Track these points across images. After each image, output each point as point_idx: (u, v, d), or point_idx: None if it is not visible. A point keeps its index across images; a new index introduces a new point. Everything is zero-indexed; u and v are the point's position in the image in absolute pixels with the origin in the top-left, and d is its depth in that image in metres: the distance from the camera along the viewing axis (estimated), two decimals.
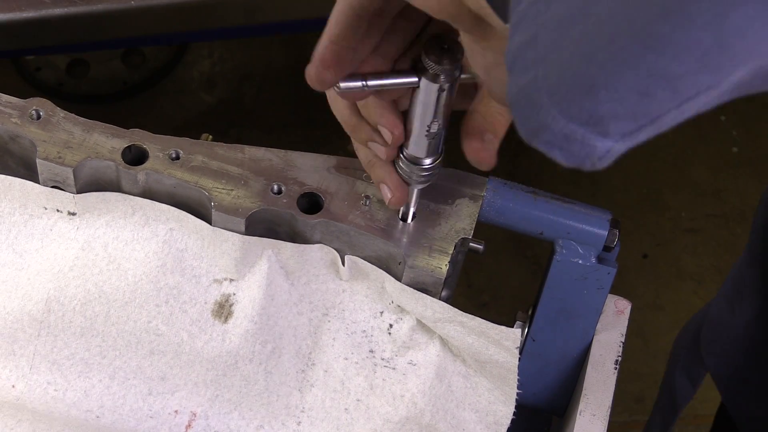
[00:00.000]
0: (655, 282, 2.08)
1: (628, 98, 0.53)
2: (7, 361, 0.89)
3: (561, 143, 0.57)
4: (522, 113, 0.58)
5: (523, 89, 0.57)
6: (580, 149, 0.57)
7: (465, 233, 0.88)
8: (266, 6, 1.50)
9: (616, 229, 0.90)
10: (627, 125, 0.55)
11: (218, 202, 0.88)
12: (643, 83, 0.52)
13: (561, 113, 0.55)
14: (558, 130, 0.56)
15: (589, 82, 0.53)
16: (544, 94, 0.56)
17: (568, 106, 0.55)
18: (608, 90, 0.53)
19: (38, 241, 0.91)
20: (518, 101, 0.58)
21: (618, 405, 0.96)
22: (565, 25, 0.53)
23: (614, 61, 0.51)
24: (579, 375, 0.97)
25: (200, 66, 2.27)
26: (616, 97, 0.53)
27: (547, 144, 0.58)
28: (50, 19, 1.42)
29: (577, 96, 0.54)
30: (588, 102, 0.54)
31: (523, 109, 0.58)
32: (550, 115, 0.56)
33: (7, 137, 0.92)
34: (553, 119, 0.56)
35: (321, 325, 0.90)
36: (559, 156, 0.59)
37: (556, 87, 0.55)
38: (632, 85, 0.52)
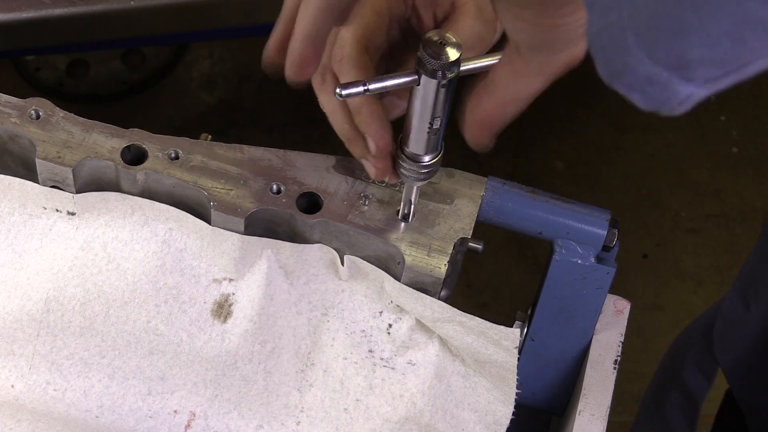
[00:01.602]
0: (654, 282, 2.08)
1: (720, 43, 0.51)
2: (6, 361, 0.89)
3: (643, 86, 0.56)
4: (604, 54, 0.56)
5: (606, 29, 0.55)
6: (661, 93, 0.56)
7: (464, 233, 0.88)
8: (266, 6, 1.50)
9: (615, 229, 0.90)
10: (714, 71, 0.54)
11: (217, 201, 0.88)
12: (737, 29, 0.50)
13: (648, 55, 0.54)
14: (642, 73, 0.55)
15: (682, 25, 0.51)
16: (631, 34, 0.54)
17: (656, 48, 0.53)
18: (701, 33, 0.51)
19: (37, 241, 0.91)
20: (599, 41, 0.56)
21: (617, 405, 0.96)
22: None
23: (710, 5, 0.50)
24: (578, 375, 0.97)
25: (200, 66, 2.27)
26: (708, 41, 0.51)
27: (629, 86, 0.57)
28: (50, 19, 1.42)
29: (667, 38, 0.53)
30: (678, 44, 0.52)
31: (605, 49, 0.56)
32: (635, 56, 0.54)
33: (7, 137, 0.92)
34: (637, 60, 0.54)
35: (320, 325, 0.90)
36: (639, 99, 0.57)
37: (645, 28, 0.53)
38: (726, 29, 0.51)
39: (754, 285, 1.10)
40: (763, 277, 1.08)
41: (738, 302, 1.12)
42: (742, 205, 2.17)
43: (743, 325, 1.12)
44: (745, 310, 1.11)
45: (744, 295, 1.11)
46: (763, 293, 1.08)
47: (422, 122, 0.78)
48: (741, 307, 1.12)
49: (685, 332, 1.28)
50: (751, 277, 1.10)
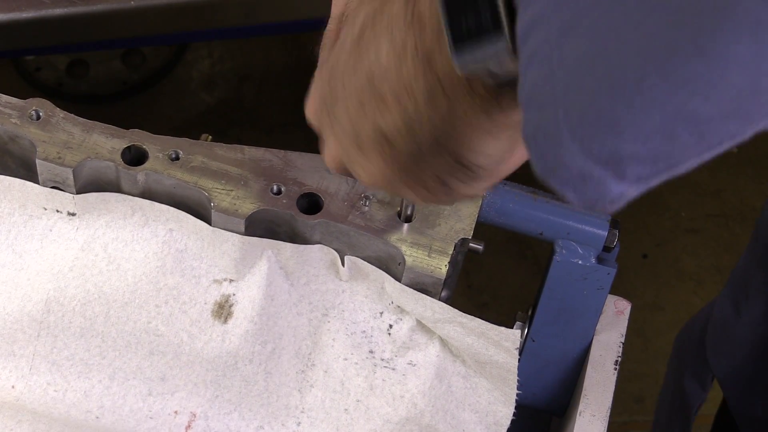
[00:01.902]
0: (655, 282, 2.08)
1: (652, 139, 0.52)
2: (6, 362, 0.89)
3: (576, 183, 0.56)
4: (539, 150, 0.57)
5: (542, 125, 0.56)
6: (594, 190, 0.56)
7: (465, 233, 0.88)
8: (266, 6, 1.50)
9: (615, 230, 0.90)
10: (645, 169, 0.54)
11: (218, 202, 0.88)
12: (669, 124, 0.50)
13: (581, 150, 0.54)
14: (576, 169, 0.55)
15: (615, 120, 0.52)
16: (565, 130, 0.54)
17: (589, 142, 0.54)
18: (633, 129, 0.51)
19: (38, 242, 0.91)
20: (535, 137, 0.57)
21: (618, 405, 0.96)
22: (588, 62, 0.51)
23: (642, 99, 0.50)
24: (579, 375, 0.97)
25: (200, 66, 2.27)
26: (641, 137, 0.52)
27: (562, 182, 0.57)
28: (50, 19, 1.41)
29: (600, 133, 0.53)
30: (612, 140, 0.53)
31: (541, 145, 0.57)
32: (570, 152, 0.55)
33: (7, 137, 0.92)
34: (571, 156, 0.55)
35: (321, 326, 0.90)
36: (572, 196, 0.58)
37: (579, 123, 0.53)
38: (658, 125, 0.51)
39: (744, 289, 1.09)
40: (753, 281, 1.08)
41: (728, 307, 1.12)
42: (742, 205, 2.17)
43: (733, 330, 1.11)
44: (735, 315, 1.11)
45: (734, 300, 1.11)
46: (753, 298, 1.08)
47: None
48: (731, 312, 1.11)
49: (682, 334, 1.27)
50: (742, 281, 1.10)
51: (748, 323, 1.08)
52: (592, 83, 0.51)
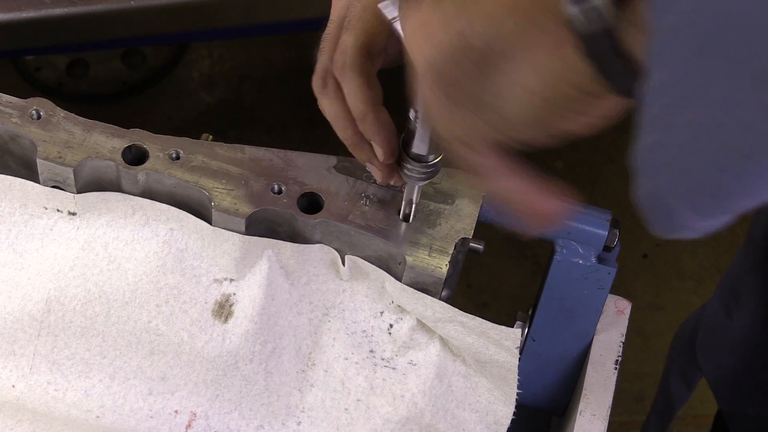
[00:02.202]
0: (655, 282, 2.08)
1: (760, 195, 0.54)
2: (7, 361, 0.89)
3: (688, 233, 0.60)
4: (655, 215, 0.60)
5: (654, 194, 0.58)
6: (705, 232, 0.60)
7: (465, 233, 0.88)
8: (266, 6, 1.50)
9: (616, 229, 0.90)
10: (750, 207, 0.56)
11: (218, 202, 0.88)
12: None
13: (696, 215, 0.57)
14: (695, 226, 0.58)
15: (725, 190, 0.54)
16: (677, 199, 0.57)
17: (703, 209, 0.56)
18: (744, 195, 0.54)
19: (38, 241, 0.91)
20: (650, 204, 0.59)
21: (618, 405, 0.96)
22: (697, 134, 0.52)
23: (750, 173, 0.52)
24: (579, 375, 0.97)
25: (200, 66, 2.27)
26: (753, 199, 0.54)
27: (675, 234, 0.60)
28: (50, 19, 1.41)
29: (712, 201, 0.55)
30: (724, 204, 0.55)
31: (656, 211, 0.59)
32: (686, 216, 0.57)
33: (8, 137, 0.92)
34: (689, 220, 0.58)
35: (321, 325, 0.90)
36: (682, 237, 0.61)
37: (689, 194, 0.56)
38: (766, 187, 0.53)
39: (736, 293, 1.09)
40: (745, 285, 1.08)
41: (720, 309, 1.12)
42: None
43: (724, 333, 1.11)
44: (726, 318, 1.11)
45: (726, 303, 1.11)
46: (745, 301, 1.08)
47: (425, 123, 0.78)
48: (722, 315, 1.11)
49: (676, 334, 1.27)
50: (734, 284, 1.10)
51: (739, 326, 1.08)
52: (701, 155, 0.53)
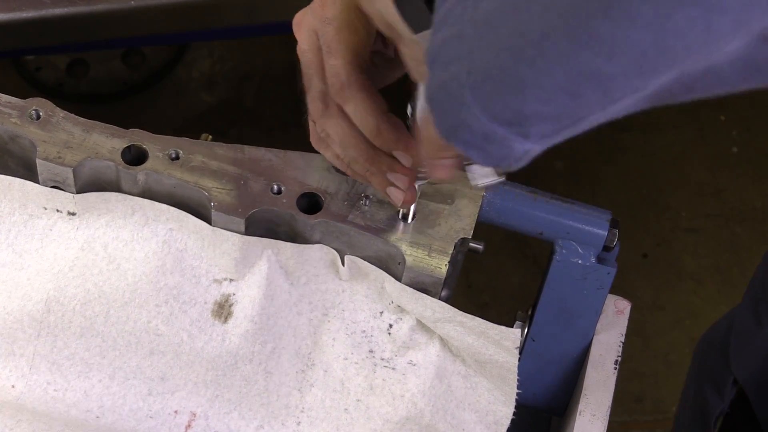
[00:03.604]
0: (655, 282, 2.08)
1: (555, 98, 0.52)
2: (6, 362, 0.89)
3: (480, 143, 0.56)
4: (441, 109, 0.57)
5: (444, 85, 0.55)
6: (498, 150, 0.56)
7: (465, 233, 0.88)
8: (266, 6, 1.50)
9: (615, 229, 0.90)
10: (549, 126, 0.54)
11: (218, 202, 0.88)
12: (573, 83, 0.50)
13: (483, 111, 0.54)
14: (478, 129, 0.55)
15: (517, 80, 0.51)
16: (467, 90, 0.54)
17: (492, 103, 0.53)
18: (536, 88, 0.51)
19: (38, 241, 0.91)
20: (438, 97, 0.56)
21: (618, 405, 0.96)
22: (495, 21, 0.51)
23: (546, 59, 0.50)
24: (579, 375, 0.97)
25: (200, 66, 2.26)
26: (544, 96, 0.51)
27: (465, 143, 0.57)
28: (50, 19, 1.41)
29: (502, 93, 0.53)
30: (514, 100, 0.52)
31: (443, 104, 0.56)
32: (472, 112, 0.54)
33: (7, 137, 0.92)
34: (473, 117, 0.54)
35: (321, 325, 0.90)
36: (476, 156, 0.57)
37: (480, 83, 0.53)
38: (562, 84, 0.50)
39: (764, 300, 1.09)
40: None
41: (749, 318, 1.12)
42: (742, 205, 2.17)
43: (756, 341, 1.11)
44: (756, 324, 1.10)
45: (755, 311, 1.11)
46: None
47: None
48: (753, 323, 1.11)
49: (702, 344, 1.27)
50: (761, 292, 1.10)
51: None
52: (497, 42, 0.51)
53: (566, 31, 0.48)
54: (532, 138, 0.55)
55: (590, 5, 0.47)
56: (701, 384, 1.24)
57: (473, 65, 0.53)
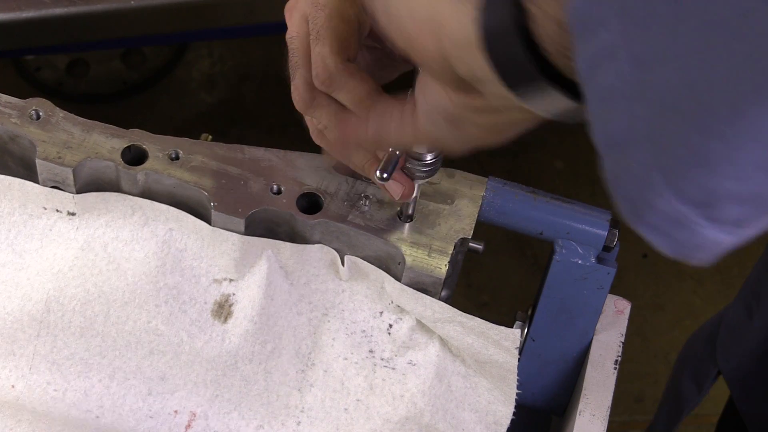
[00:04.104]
0: (655, 282, 2.08)
1: (751, 176, 0.47)
2: (6, 361, 0.89)
3: (668, 227, 0.52)
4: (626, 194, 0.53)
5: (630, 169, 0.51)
6: (687, 237, 0.52)
7: (465, 233, 0.88)
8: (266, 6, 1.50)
9: (615, 229, 0.90)
10: (743, 210, 0.49)
11: (218, 202, 0.88)
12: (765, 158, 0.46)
13: (674, 191, 0.50)
14: (668, 212, 0.51)
15: (709, 156, 0.47)
16: (655, 172, 0.50)
17: (682, 182, 0.49)
18: (729, 164, 0.47)
19: (38, 241, 0.91)
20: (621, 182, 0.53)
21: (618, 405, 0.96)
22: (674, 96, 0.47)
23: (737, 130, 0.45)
24: (579, 375, 0.97)
25: (200, 66, 2.27)
26: (738, 174, 0.47)
27: (653, 228, 0.53)
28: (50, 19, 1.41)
29: (694, 171, 0.48)
30: (706, 178, 0.48)
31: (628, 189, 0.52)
32: (661, 194, 0.50)
33: (7, 137, 0.92)
34: (662, 199, 0.50)
35: (320, 325, 0.90)
36: (662, 242, 0.54)
37: (669, 162, 0.49)
38: (757, 160, 0.46)
39: (757, 294, 1.09)
40: (765, 285, 1.08)
41: (741, 310, 1.12)
42: None
43: (745, 333, 1.11)
44: (747, 318, 1.11)
45: (747, 304, 1.11)
46: (765, 302, 1.08)
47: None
48: (744, 316, 1.11)
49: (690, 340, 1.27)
50: (755, 286, 1.10)
51: (759, 327, 1.09)
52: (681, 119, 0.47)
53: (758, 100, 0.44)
54: (723, 222, 0.51)
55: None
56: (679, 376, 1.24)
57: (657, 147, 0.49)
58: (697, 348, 1.22)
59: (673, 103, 0.47)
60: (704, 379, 1.21)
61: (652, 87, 0.47)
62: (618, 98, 0.49)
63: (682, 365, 1.25)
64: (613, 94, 0.49)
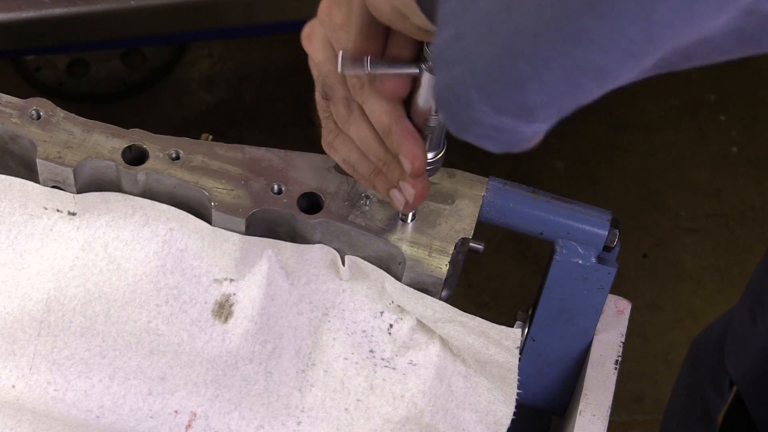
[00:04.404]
0: (655, 282, 2.08)
1: (556, 89, 0.54)
2: (7, 361, 0.89)
3: (491, 134, 0.59)
4: (450, 109, 0.60)
5: (450, 85, 0.58)
6: (509, 137, 0.59)
7: (465, 233, 0.88)
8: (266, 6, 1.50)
9: (616, 229, 0.90)
10: (553, 111, 0.57)
11: (218, 202, 0.88)
12: (570, 75, 0.53)
13: (491, 107, 0.57)
14: (488, 123, 0.58)
15: (518, 76, 0.54)
16: (473, 89, 0.57)
17: (497, 100, 0.56)
18: (537, 82, 0.54)
19: (38, 241, 0.91)
20: (446, 97, 0.59)
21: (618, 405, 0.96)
22: (492, 21, 0.54)
23: (542, 56, 0.53)
24: (579, 375, 0.97)
25: (200, 66, 2.26)
26: (545, 88, 0.54)
27: (478, 136, 0.60)
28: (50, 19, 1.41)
29: (506, 90, 0.55)
30: (517, 95, 0.55)
31: (451, 104, 0.59)
32: (480, 109, 0.57)
33: (8, 137, 0.92)
34: (482, 113, 0.58)
35: (321, 325, 0.90)
36: (489, 145, 0.61)
37: (484, 82, 0.56)
38: (560, 76, 0.53)
39: (760, 298, 1.09)
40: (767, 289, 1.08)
41: (745, 315, 1.12)
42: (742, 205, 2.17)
43: (751, 338, 1.11)
44: (752, 323, 1.11)
45: (751, 309, 1.11)
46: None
47: (424, 118, 0.78)
48: (748, 321, 1.11)
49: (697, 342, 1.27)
50: (758, 290, 1.10)
51: (765, 330, 1.09)
52: (496, 41, 0.54)
53: (558, 29, 0.51)
54: (540, 121, 0.58)
55: (577, 2, 0.50)
56: (700, 383, 1.24)
57: (475, 64, 0.56)
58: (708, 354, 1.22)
59: (490, 27, 0.54)
60: (722, 386, 1.21)
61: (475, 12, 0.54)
62: (452, 18, 0.56)
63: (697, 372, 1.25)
64: (451, 14, 0.56)
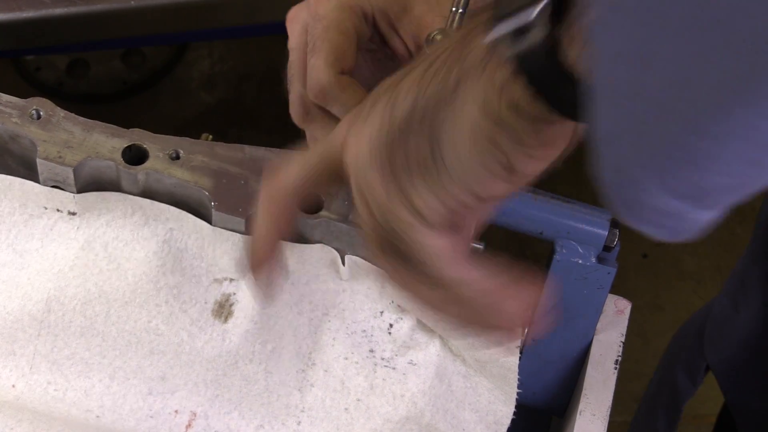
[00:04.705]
0: (655, 282, 2.08)
1: (737, 170, 0.48)
2: (7, 361, 0.89)
3: (659, 220, 0.53)
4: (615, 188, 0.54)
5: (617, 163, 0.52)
6: (680, 224, 0.53)
7: None
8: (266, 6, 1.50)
9: (616, 229, 0.90)
10: (729, 197, 0.51)
11: (218, 201, 0.88)
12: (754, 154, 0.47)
13: (662, 188, 0.51)
14: (656, 206, 0.52)
15: (693, 154, 0.48)
16: (644, 169, 0.51)
17: (670, 179, 0.50)
18: (716, 162, 0.48)
19: (38, 241, 0.91)
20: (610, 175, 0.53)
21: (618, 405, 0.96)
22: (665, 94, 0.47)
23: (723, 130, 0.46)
24: (579, 375, 0.97)
25: (200, 66, 2.27)
26: (725, 168, 0.48)
27: (642, 220, 0.54)
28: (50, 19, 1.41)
29: (680, 168, 0.49)
30: (693, 174, 0.49)
31: (616, 183, 0.53)
32: (648, 190, 0.51)
33: (7, 137, 0.92)
34: (650, 195, 0.51)
35: (321, 325, 0.90)
36: (653, 232, 0.55)
37: (652, 158, 0.50)
38: (742, 155, 0.47)
39: (743, 286, 1.09)
40: (751, 277, 1.08)
41: (727, 303, 1.12)
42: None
43: (731, 326, 1.12)
44: (733, 311, 1.11)
45: (733, 296, 1.11)
46: (751, 295, 1.08)
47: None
48: (730, 308, 1.11)
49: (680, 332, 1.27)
50: (741, 278, 1.10)
51: (745, 318, 1.09)
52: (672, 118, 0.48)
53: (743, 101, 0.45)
54: (711, 208, 0.52)
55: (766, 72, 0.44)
56: (674, 370, 1.24)
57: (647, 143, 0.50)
58: (687, 342, 1.22)
59: (665, 103, 0.48)
60: (696, 373, 1.21)
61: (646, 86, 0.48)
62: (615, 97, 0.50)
63: (674, 359, 1.25)
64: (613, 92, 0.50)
